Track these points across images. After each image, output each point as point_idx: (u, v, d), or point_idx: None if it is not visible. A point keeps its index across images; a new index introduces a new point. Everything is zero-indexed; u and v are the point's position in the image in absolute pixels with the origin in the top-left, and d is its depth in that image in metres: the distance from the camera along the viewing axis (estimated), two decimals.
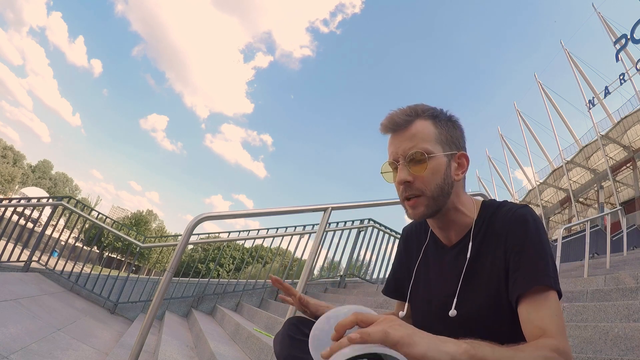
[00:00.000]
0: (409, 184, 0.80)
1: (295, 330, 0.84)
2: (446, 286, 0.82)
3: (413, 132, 0.80)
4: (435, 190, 0.80)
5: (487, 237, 0.80)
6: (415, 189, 0.80)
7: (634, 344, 1.44)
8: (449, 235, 0.86)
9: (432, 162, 0.79)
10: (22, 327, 2.53)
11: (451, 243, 0.86)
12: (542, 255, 0.73)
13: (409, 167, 0.80)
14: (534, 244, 0.74)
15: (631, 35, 19.86)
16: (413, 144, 0.80)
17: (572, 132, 26.85)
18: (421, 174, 0.79)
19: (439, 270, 0.86)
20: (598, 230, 9.14)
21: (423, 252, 0.92)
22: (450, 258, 0.85)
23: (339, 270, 5.73)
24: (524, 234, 0.75)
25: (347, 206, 2.58)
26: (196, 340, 3.05)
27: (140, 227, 43.83)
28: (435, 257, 0.89)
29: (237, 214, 2.38)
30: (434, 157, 0.79)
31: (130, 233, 5.69)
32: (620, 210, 6.69)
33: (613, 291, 2.47)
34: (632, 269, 4.17)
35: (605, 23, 22.83)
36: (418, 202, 0.80)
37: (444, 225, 0.85)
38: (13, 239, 4.50)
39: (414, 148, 0.79)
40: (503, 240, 0.77)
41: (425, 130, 0.81)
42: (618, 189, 23.40)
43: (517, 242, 0.75)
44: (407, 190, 0.80)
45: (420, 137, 0.80)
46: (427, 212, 0.81)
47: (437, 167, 0.80)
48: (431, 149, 0.79)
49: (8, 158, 57.13)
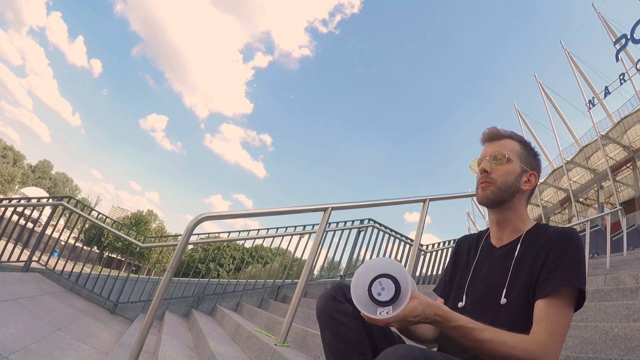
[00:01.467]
0: (486, 174, 1.01)
1: (340, 293, 1.00)
2: (496, 279, 0.96)
3: (503, 143, 1.04)
4: (503, 185, 0.99)
5: (533, 244, 0.94)
6: (489, 178, 1.01)
7: (634, 344, 1.44)
8: (502, 235, 1.03)
9: (508, 165, 1.01)
10: (22, 327, 2.53)
11: (501, 244, 1.02)
12: (578, 265, 0.86)
13: (491, 162, 1.02)
14: (573, 255, 0.87)
15: (631, 35, 19.85)
16: (499, 149, 1.03)
17: (572, 132, 26.85)
18: (497, 169, 1.01)
19: (490, 266, 1.01)
20: (598, 230, 9.14)
21: (480, 251, 1.07)
22: (498, 256, 1.00)
23: (339, 270, 5.73)
24: (567, 245, 0.88)
25: (347, 206, 2.58)
26: (196, 340, 3.04)
27: (140, 227, 43.83)
28: (487, 255, 1.04)
29: (237, 214, 2.38)
30: (511, 162, 1.01)
31: (130, 233, 5.69)
32: (620, 210, 6.69)
33: (613, 291, 2.48)
34: (632, 269, 4.17)
35: (605, 23, 22.82)
36: (487, 187, 1.01)
37: (502, 220, 1.02)
38: (13, 239, 4.50)
39: (500, 151, 1.02)
40: (547, 249, 0.90)
41: (513, 146, 1.04)
42: (618, 189, 23.39)
43: (559, 250, 0.88)
44: (483, 177, 1.02)
45: (507, 147, 1.03)
46: (491, 197, 1.00)
47: (511, 170, 1.01)
48: (511, 157, 1.02)
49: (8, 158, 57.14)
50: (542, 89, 28.19)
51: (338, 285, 1.03)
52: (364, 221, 5.40)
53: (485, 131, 1.08)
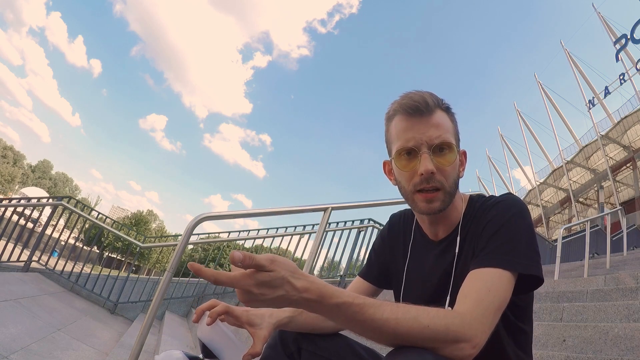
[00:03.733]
0: (432, 176, 0.73)
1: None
2: (437, 283, 0.79)
3: (438, 120, 0.75)
4: (452, 185, 0.76)
5: (472, 230, 0.77)
6: (436, 181, 0.74)
7: (634, 344, 1.44)
8: (437, 230, 0.82)
9: (454, 156, 0.75)
10: (22, 327, 2.53)
11: (438, 238, 0.82)
12: (513, 239, 0.69)
13: (432, 156, 0.73)
14: (506, 228, 0.70)
15: (631, 35, 19.87)
16: (440, 133, 0.74)
17: (572, 132, 26.88)
18: (445, 167, 0.74)
19: (427, 266, 0.82)
20: (598, 230, 9.12)
21: (411, 251, 0.87)
22: (437, 253, 0.81)
23: (339, 270, 5.73)
24: (500, 218, 0.72)
25: (347, 206, 2.59)
26: (196, 340, 3.04)
27: (140, 227, 43.81)
28: (422, 253, 0.85)
29: (237, 213, 2.38)
30: (455, 151, 0.75)
31: (130, 233, 5.69)
32: (620, 210, 6.70)
33: (613, 291, 2.48)
34: (632, 269, 4.17)
35: (605, 23, 22.83)
36: (436, 197, 0.74)
37: (437, 220, 0.81)
38: (13, 239, 4.50)
39: (441, 138, 0.73)
40: (481, 229, 0.74)
41: (446, 121, 0.76)
42: (618, 189, 23.40)
43: (492, 226, 0.72)
44: (428, 182, 0.74)
45: (444, 127, 0.75)
46: (442, 208, 0.75)
47: (456, 162, 0.76)
48: (453, 143, 0.75)
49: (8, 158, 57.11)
50: (542, 89, 28.22)
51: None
52: (364, 221, 5.39)
53: (407, 101, 0.75)
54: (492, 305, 0.62)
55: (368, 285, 0.95)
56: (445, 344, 0.57)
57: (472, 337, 0.58)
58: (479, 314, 0.61)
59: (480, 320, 0.60)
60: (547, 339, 1.80)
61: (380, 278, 0.95)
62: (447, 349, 0.57)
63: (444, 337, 0.57)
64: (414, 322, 0.57)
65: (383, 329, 0.56)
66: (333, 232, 5.12)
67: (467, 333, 0.58)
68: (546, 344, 1.79)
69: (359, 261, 5.34)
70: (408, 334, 0.56)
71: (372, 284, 0.95)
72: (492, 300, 0.62)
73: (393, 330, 0.56)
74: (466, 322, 0.59)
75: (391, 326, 0.56)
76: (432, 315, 0.58)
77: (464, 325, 0.59)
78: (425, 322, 0.57)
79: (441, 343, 0.57)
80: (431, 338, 0.57)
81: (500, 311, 0.63)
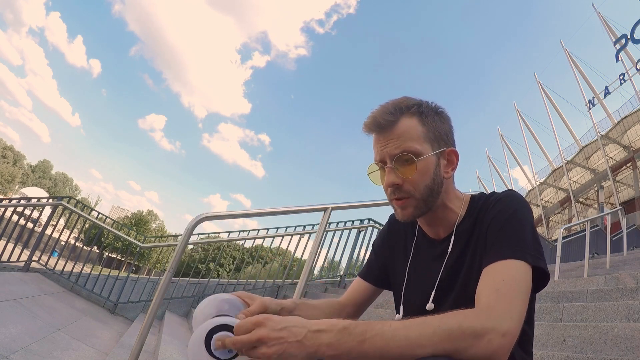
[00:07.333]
0: (398, 187, 0.76)
1: None
2: (437, 282, 0.79)
3: (399, 131, 0.76)
4: (424, 192, 0.76)
5: (475, 230, 0.77)
6: (404, 192, 0.76)
7: (634, 344, 1.44)
8: (437, 231, 0.83)
9: (421, 163, 0.75)
10: (22, 327, 2.53)
11: (439, 238, 0.83)
12: (519, 231, 0.70)
13: (396, 169, 0.76)
14: (511, 222, 0.71)
15: (631, 35, 19.88)
16: (399, 143, 0.75)
17: (572, 132, 26.90)
18: (410, 177, 0.75)
19: (428, 265, 0.83)
20: (598, 230, 9.12)
21: (413, 250, 0.87)
22: (437, 253, 0.82)
23: (339, 270, 5.73)
24: (504, 214, 0.73)
25: (347, 206, 2.59)
26: None
27: (140, 227, 43.82)
28: (424, 252, 0.86)
29: (237, 214, 2.38)
30: (423, 158, 0.75)
31: (130, 233, 5.70)
32: (620, 210, 6.69)
33: (613, 291, 2.47)
34: (632, 269, 4.17)
35: (605, 23, 22.84)
36: (407, 203, 0.77)
37: (432, 222, 0.83)
38: (13, 239, 4.50)
39: (401, 149, 0.75)
40: (485, 227, 0.74)
41: (411, 129, 0.76)
42: (618, 189, 23.41)
43: (497, 223, 0.72)
44: (395, 193, 0.77)
45: (407, 136, 0.75)
46: (416, 213, 0.78)
47: (426, 168, 0.76)
48: (419, 149, 0.75)
49: (8, 158, 57.10)
50: (542, 89, 28.23)
51: None
52: (364, 221, 5.40)
53: (367, 121, 0.78)
54: (511, 291, 0.60)
55: (368, 286, 0.95)
56: (465, 342, 0.54)
57: (495, 326, 0.55)
58: (497, 301, 0.59)
59: (499, 308, 0.58)
60: (547, 339, 1.80)
61: (380, 278, 0.95)
62: (472, 348, 0.54)
63: (460, 334, 0.54)
64: (423, 326, 0.55)
65: (394, 340, 0.54)
66: (333, 232, 5.13)
67: (487, 324, 0.56)
68: (546, 344, 1.79)
69: (359, 261, 5.34)
70: (420, 338, 0.54)
71: (372, 285, 0.95)
72: (509, 286, 0.61)
73: (405, 336, 0.54)
74: (483, 313, 0.57)
75: (402, 334, 0.54)
76: (442, 316, 0.57)
77: (480, 316, 0.57)
78: (435, 322, 0.56)
79: (460, 342, 0.54)
80: (446, 338, 0.54)
81: (522, 295, 0.61)
